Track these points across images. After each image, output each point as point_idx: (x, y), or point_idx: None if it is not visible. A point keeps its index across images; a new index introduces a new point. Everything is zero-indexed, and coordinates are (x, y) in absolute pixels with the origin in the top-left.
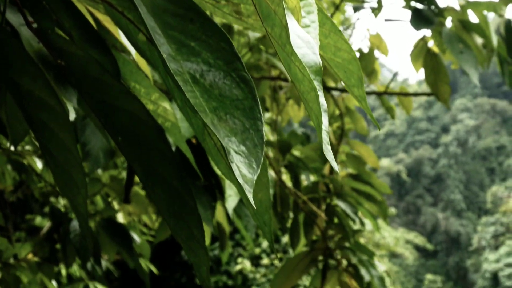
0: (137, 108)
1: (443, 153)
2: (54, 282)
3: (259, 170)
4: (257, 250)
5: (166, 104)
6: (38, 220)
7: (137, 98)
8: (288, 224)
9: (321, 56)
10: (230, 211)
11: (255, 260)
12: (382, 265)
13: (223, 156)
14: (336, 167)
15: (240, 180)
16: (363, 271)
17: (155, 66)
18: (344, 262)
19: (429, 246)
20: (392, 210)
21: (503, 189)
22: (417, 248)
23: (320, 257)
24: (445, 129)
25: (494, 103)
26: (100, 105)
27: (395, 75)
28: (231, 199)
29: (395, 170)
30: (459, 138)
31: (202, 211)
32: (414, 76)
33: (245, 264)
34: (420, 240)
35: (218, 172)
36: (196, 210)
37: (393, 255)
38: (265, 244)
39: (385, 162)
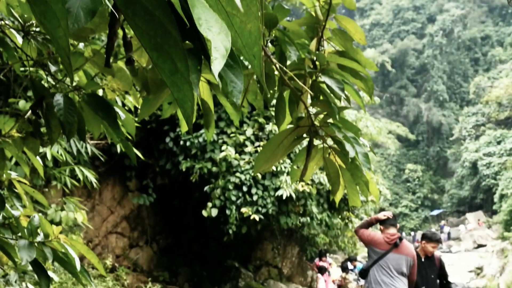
0: None
1: (428, 43)
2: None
3: None
4: (241, 138)
5: None
6: (21, 103)
7: None
8: (272, 108)
9: None
10: (216, 73)
11: (239, 148)
12: (367, 142)
13: None
14: None
15: None
16: (348, 147)
17: None
18: (329, 140)
19: (411, 136)
20: (376, 99)
21: (486, 80)
22: (399, 138)
23: (305, 135)
24: (431, 19)
25: None
26: None
27: None
28: (217, 62)
29: (380, 61)
30: (444, 28)
31: None
32: None
33: (229, 151)
34: (402, 130)
35: (204, 34)
36: (180, 42)
37: (375, 145)
38: (249, 132)
39: (369, 53)
